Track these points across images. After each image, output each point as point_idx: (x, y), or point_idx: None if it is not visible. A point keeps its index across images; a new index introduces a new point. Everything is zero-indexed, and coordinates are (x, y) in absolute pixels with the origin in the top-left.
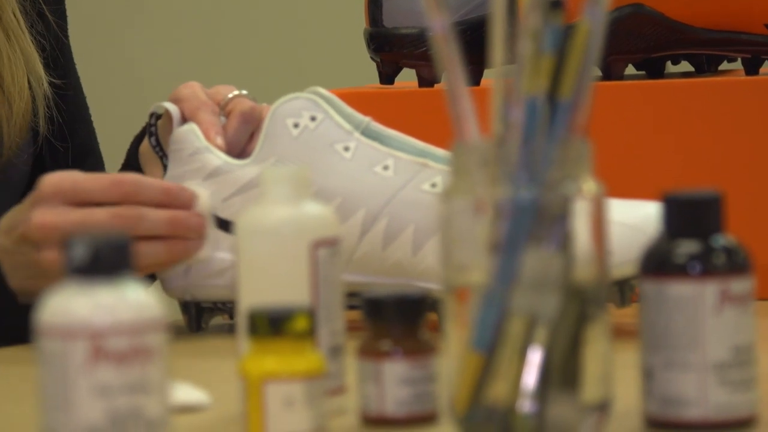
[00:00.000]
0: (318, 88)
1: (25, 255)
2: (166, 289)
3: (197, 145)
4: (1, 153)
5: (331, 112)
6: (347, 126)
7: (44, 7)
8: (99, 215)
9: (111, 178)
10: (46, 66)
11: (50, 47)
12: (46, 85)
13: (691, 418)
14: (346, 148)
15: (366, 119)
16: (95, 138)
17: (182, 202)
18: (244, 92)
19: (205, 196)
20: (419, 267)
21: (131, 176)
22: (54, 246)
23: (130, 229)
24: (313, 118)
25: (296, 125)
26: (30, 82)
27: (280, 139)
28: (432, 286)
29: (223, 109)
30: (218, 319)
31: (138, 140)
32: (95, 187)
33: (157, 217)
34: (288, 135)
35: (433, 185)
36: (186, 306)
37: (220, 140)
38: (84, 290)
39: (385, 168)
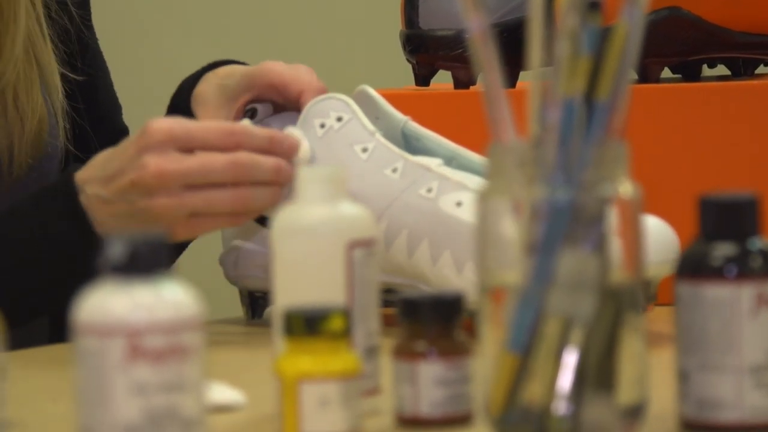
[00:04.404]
0: (366, 87)
1: (131, 203)
2: (227, 276)
3: None
4: (11, 171)
5: (359, 113)
6: (370, 127)
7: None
8: (217, 162)
9: (222, 127)
10: (70, 62)
11: (72, 43)
12: (62, 97)
13: (727, 420)
14: (365, 149)
15: (404, 118)
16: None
17: (285, 150)
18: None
19: (305, 145)
20: (416, 270)
21: (239, 125)
22: (169, 193)
23: (244, 176)
24: (339, 119)
25: (322, 125)
26: (45, 96)
27: (307, 139)
28: (426, 288)
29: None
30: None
31: (188, 85)
32: (209, 136)
33: (268, 165)
34: (314, 135)
35: (429, 190)
36: (242, 295)
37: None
38: (121, 289)
39: (394, 170)
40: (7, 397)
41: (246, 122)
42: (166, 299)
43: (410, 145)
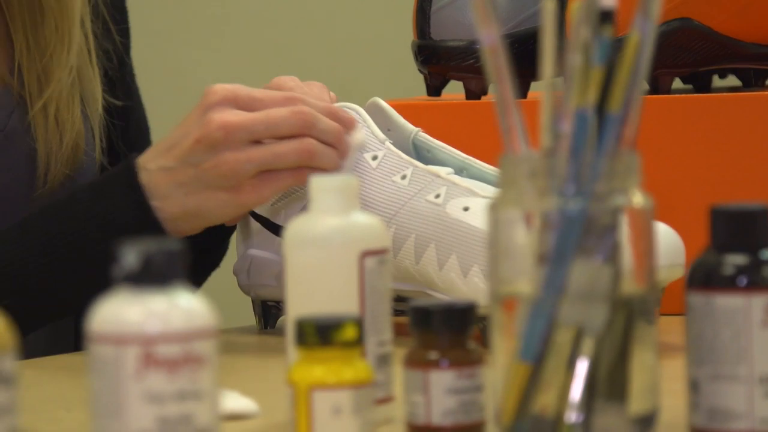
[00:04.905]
0: (377, 99)
1: (197, 165)
2: (240, 285)
3: None
4: (46, 182)
5: (370, 122)
6: (381, 135)
7: (112, 26)
8: (280, 112)
9: (281, 93)
10: (109, 87)
11: (113, 68)
12: (101, 110)
13: (738, 430)
14: (374, 157)
15: (415, 129)
16: None
17: (342, 121)
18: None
19: (361, 132)
20: (423, 275)
21: (298, 94)
22: (235, 147)
23: (307, 128)
24: None
25: None
26: (86, 112)
27: None
28: (437, 294)
29: None
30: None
31: None
32: (270, 99)
33: (329, 124)
34: None
35: (437, 196)
36: (254, 304)
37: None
38: (136, 297)
39: (403, 177)
40: (20, 406)
41: None
42: (180, 308)
43: (421, 155)
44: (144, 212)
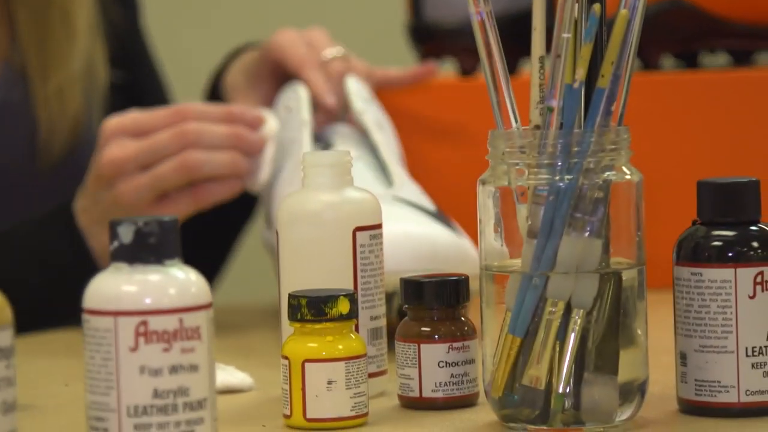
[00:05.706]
0: (350, 77)
1: (101, 202)
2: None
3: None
4: (46, 156)
5: (303, 103)
6: (305, 119)
7: None
8: (161, 137)
9: (172, 108)
10: (114, 60)
11: (119, 41)
12: (103, 85)
13: (725, 401)
14: (293, 141)
15: (360, 110)
16: None
17: (246, 121)
18: (340, 51)
19: (272, 122)
20: None
21: (192, 104)
22: (126, 178)
23: (191, 145)
24: (288, 109)
25: (286, 109)
26: (89, 87)
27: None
28: None
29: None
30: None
31: (216, 77)
32: (156, 117)
33: (218, 131)
34: (280, 120)
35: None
36: None
37: (332, 98)
38: (131, 271)
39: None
40: (19, 380)
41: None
42: (176, 282)
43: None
44: (81, 252)
